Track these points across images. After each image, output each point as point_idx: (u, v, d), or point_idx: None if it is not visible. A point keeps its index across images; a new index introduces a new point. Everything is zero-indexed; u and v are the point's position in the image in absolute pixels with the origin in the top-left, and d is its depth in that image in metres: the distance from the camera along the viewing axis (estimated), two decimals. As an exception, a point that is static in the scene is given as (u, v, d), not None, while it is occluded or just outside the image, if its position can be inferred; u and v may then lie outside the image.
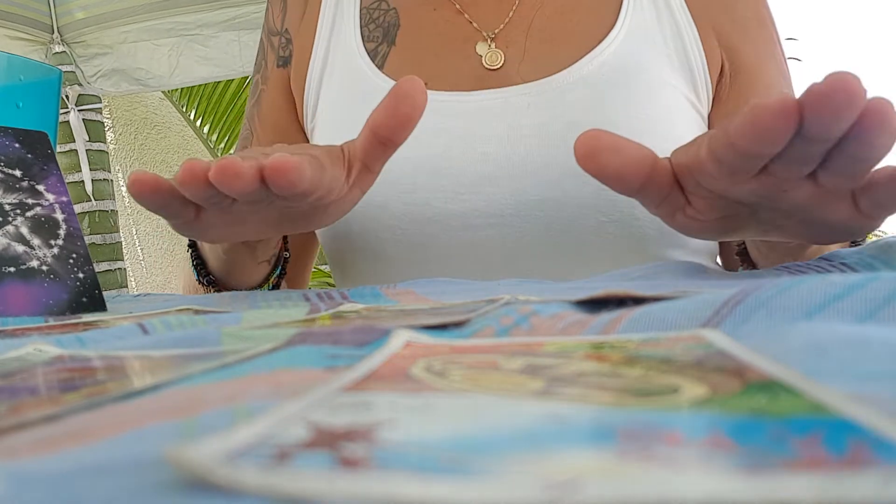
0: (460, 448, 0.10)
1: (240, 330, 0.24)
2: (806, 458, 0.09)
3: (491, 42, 0.60)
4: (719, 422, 0.11)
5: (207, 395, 0.15)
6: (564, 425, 0.11)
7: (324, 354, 0.19)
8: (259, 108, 0.68)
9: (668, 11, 0.59)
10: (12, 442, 0.12)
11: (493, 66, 0.58)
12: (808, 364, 0.15)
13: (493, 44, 0.60)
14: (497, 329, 0.23)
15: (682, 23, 0.58)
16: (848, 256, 0.33)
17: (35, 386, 0.17)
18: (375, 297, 0.38)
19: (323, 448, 0.10)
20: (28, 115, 0.50)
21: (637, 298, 0.25)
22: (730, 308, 0.21)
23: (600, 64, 0.56)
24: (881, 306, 0.19)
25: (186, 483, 0.09)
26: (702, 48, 0.58)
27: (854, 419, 0.11)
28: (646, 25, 0.59)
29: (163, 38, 1.83)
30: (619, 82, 0.55)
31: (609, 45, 0.57)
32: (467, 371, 0.15)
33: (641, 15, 0.59)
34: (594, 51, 0.57)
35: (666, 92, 0.56)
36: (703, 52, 0.58)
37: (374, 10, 0.63)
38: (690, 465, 0.09)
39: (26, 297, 0.38)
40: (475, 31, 0.60)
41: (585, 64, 0.56)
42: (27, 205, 0.40)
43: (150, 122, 2.70)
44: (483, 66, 0.59)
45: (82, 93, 1.91)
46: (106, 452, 0.11)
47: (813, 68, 4.31)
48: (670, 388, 0.13)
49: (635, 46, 0.57)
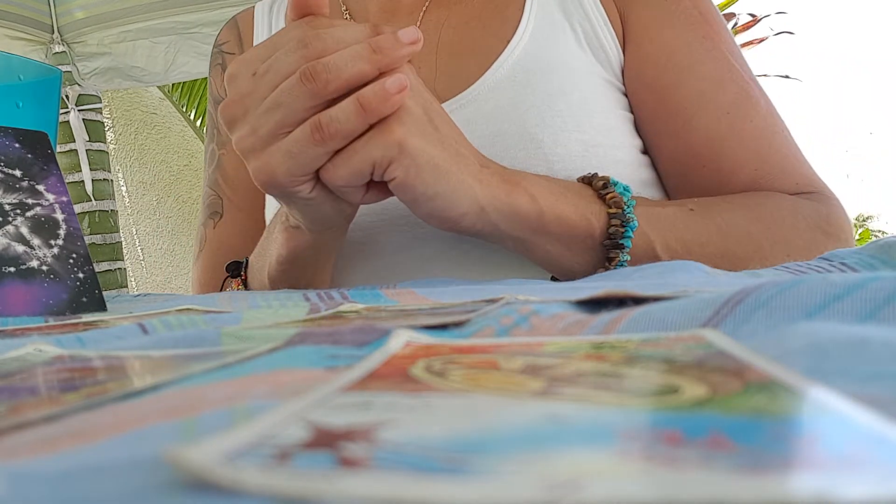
0: (460, 448, 0.10)
1: (240, 330, 0.24)
2: (805, 459, 0.09)
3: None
4: (719, 422, 0.11)
5: (207, 396, 0.15)
6: (564, 425, 0.11)
7: (324, 354, 0.19)
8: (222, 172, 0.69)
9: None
10: (12, 442, 0.12)
11: None
12: (808, 364, 0.15)
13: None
14: (497, 329, 0.23)
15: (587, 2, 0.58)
16: (848, 256, 0.33)
17: (35, 386, 0.17)
18: (375, 297, 0.38)
19: (323, 448, 0.10)
20: (28, 114, 0.50)
21: (637, 298, 0.25)
22: (730, 308, 0.21)
23: (511, 67, 0.56)
24: (881, 306, 0.19)
25: (186, 483, 0.09)
26: (609, 23, 0.58)
27: (854, 419, 0.11)
28: (551, 17, 0.58)
29: (161, 36, 1.84)
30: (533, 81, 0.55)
31: (516, 47, 0.57)
32: (467, 371, 0.15)
33: (545, 7, 0.59)
34: (502, 55, 0.57)
35: (582, 80, 0.56)
36: (611, 29, 0.58)
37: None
38: (690, 465, 0.09)
39: (26, 296, 0.38)
40: None
41: (496, 70, 0.56)
42: (27, 205, 0.40)
43: (151, 121, 2.70)
44: None
45: (81, 92, 1.91)
46: (106, 452, 0.11)
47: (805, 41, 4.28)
48: (670, 388, 0.13)
49: (543, 41, 0.57)
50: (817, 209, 0.52)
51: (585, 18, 0.58)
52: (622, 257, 0.46)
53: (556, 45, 0.57)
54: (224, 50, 0.73)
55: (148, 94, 2.65)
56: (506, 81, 0.56)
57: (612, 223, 0.45)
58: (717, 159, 0.55)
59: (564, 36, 0.58)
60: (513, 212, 0.43)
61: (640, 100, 0.58)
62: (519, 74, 0.56)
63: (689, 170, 0.55)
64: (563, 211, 0.44)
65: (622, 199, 0.46)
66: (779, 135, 0.56)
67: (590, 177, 0.48)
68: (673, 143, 0.56)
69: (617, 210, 0.45)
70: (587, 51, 0.57)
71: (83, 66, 1.89)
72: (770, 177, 0.54)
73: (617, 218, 0.45)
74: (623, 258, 0.46)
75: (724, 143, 0.55)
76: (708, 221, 0.49)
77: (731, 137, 0.55)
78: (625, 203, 0.46)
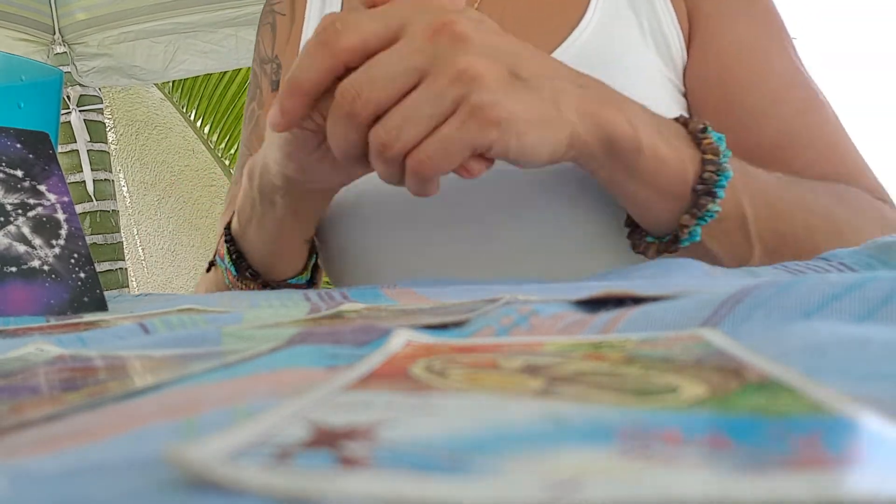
0: (460, 447, 0.10)
1: (240, 330, 0.24)
2: (805, 458, 0.09)
3: None
4: (718, 421, 0.11)
5: (208, 395, 0.15)
6: (564, 425, 0.11)
7: (324, 354, 0.19)
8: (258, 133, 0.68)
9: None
10: (14, 441, 0.12)
11: None
12: (806, 364, 0.15)
13: None
14: (497, 329, 0.23)
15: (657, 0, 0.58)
16: (847, 256, 0.33)
17: (36, 385, 0.17)
18: (376, 296, 0.38)
19: (323, 447, 0.10)
20: (29, 115, 0.50)
21: (636, 298, 0.25)
22: (729, 308, 0.21)
23: (575, 54, 0.55)
24: (880, 306, 0.19)
25: (187, 482, 0.09)
26: (676, 20, 0.57)
27: (853, 419, 0.11)
28: (619, 10, 0.58)
29: (161, 36, 1.84)
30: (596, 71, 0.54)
31: (582, 33, 0.56)
32: (467, 370, 0.15)
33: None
34: (567, 40, 0.56)
35: (643, 76, 0.55)
36: (677, 24, 0.57)
37: None
38: (690, 464, 0.09)
39: (28, 296, 0.38)
40: None
41: (561, 54, 0.55)
42: (29, 205, 0.41)
43: (151, 122, 2.70)
44: None
45: (82, 92, 1.92)
46: (107, 452, 0.11)
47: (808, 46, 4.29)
48: (669, 387, 0.13)
49: (609, 30, 0.56)
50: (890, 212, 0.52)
51: (653, 14, 0.57)
52: (712, 207, 0.43)
53: (622, 38, 0.56)
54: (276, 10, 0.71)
55: (149, 95, 2.65)
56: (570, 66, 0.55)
57: (708, 169, 0.43)
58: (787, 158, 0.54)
59: (630, 30, 0.57)
60: (612, 141, 0.41)
61: (703, 97, 0.56)
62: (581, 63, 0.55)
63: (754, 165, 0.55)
64: (659, 147, 0.42)
65: (719, 146, 0.44)
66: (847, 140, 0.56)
67: (686, 118, 0.46)
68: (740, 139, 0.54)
69: (713, 157, 0.43)
70: (651, 46, 0.57)
71: (82, 64, 1.90)
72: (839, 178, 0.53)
73: (712, 165, 0.43)
74: (712, 209, 0.44)
75: (796, 142, 0.54)
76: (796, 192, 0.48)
77: (803, 137, 0.54)
78: (721, 152, 0.44)
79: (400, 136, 0.36)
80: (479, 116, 0.35)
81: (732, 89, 0.55)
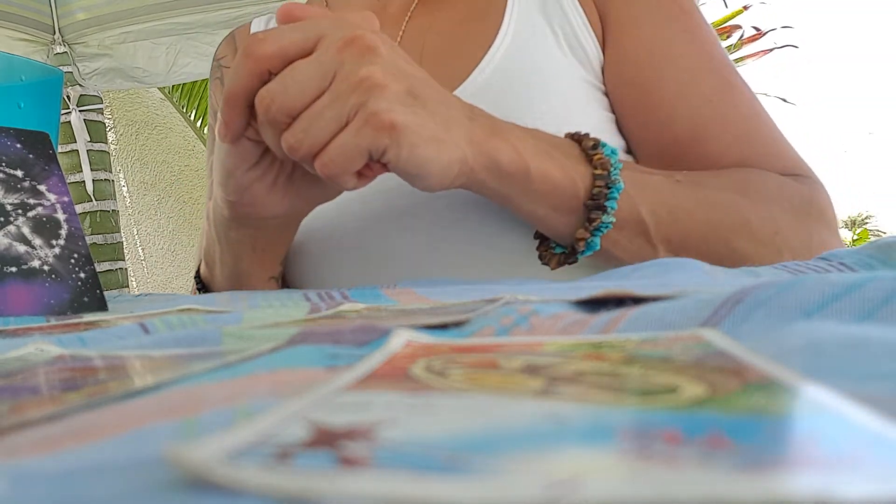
0: (460, 447, 0.10)
1: (240, 329, 0.24)
2: (805, 458, 0.09)
3: None
4: (718, 421, 0.11)
5: (208, 395, 0.15)
6: (564, 425, 0.11)
7: (324, 354, 0.19)
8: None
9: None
10: (14, 441, 0.12)
11: None
12: (806, 364, 0.15)
13: None
14: (497, 329, 0.23)
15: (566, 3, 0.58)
16: (846, 256, 0.33)
17: (36, 385, 0.17)
18: (376, 296, 0.38)
19: (323, 447, 0.10)
20: (29, 115, 0.50)
21: (636, 298, 0.25)
22: (729, 308, 0.21)
23: (492, 72, 0.56)
24: (880, 306, 0.19)
25: (187, 482, 0.09)
26: (588, 24, 0.58)
27: (852, 419, 0.11)
28: (532, 20, 0.58)
29: (162, 37, 1.84)
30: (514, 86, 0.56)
31: (498, 51, 0.57)
32: (467, 370, 0.15)
33: (526, 10, 0.59)
34: (484, 59, 0.57)
35: (563, 83, 0.56)
36: (591, 30, 0.58)
37: None
38: (690, 464, 0.09)
39: (28, 296, 0.38)
40: None
41: (479, 74, 0.57)
42: (28, 205, 0.41)
43: (151, 122, 2.70)
44: None
45: (82, 92, 1.91)
46: (107, 452, 0.11)
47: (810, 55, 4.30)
48: (669, 387, 0.13)
49: (524, 45, 0.57)
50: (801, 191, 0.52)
51: (565, 20, 0.58)
52: (606, 219, 0.45)
53: (537, 49, 0.57)
54: (223, 64, 0.74)
55: (149, 95, 2.65)
56: (487, 86, 0.56)
57: (597, 184, 0.45)
58: (702, 145, 0.55)
59: (545, 39, 0.58)
60: (500, 169, 0.43)
61: (621, 97, 0.58)
62: (500, 79, 0.56)
63: (674, 160, 0.55)
64: (548, 169, 0.44)
65: (609, 160, 0.46)
66: (763, 119, 0.56)
67: (580, 136, 0.48)
68: (657, 135, 0.56)
69: (603, 172, 0.45)
70: (567, 53, 0.58)
71: (84, 66, 1.90)
72: (756, 159, 0.54)
73: (602, 179, 0.45)
74: (606, 220, 0.45)
75: (709, 129, 0.55)
76: (695, 190, 0.49)
77: (715, 123, 0.55)
78: (611, 165, 0.46)
79: (305, 140, 0.38)
80: (373, 122, 0.37)
81: (644, 87, 0.57)
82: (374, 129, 0.37)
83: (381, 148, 0.38)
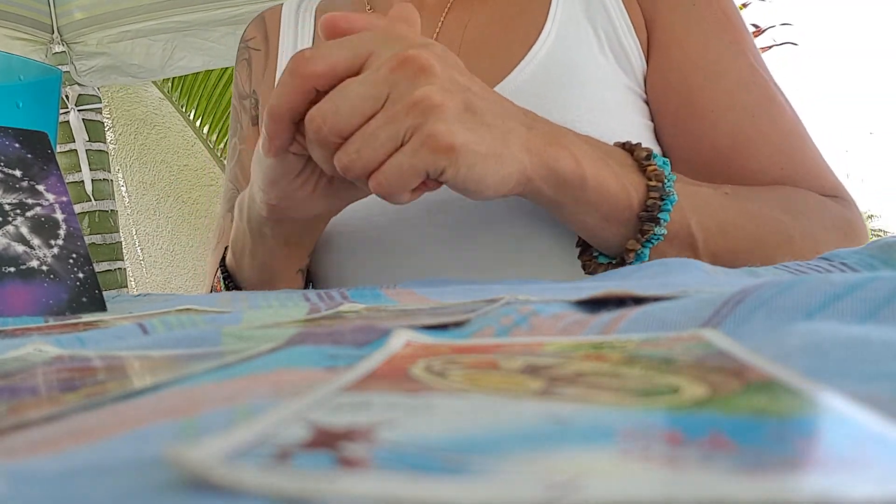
0: (460, 448, 0.10)
1: (240, 330, 0.24)
2: (805, 458, 0.09)
3: None
4: (719, 422, 0.11)
5: (207, 395, 0.15)
6: (564, 425, 0.11)
7: (324, 354, 0.19)
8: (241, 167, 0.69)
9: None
10: (12, 442, 0.12)
11: None
12: (808, 364, 0.15)
13: None
14: (497, 329, 0.23)
15: (612, 7, 0.58)
16: (848, 256, 0.33)
17: (35, 386, 0.17)
18: (375, 297, 0.38)
19: (323, 448, 0.10)
20: (28, 114, 0.50)
21: (637, 298, 0.25)
22: (730, 308, 0.21)
23: (533, 71, 0.56)
24: (881, 306, 0.19)
25: (186, 483, 0.09)
26: (633, 30, 0.58)
27: (854, 419, 0.11)
28: (576, 19, 0.58)
29: (160, 35, 1.84)
30: (555, 86, 0.55)
31: (540, 50, 0.57)
32: (467, 371, 0.15)
33: (570, 10, 0.59)
34: (526, 58, 0.57)
35: (603, 87, 0.56)
36: (634, 35, 0.58)
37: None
38: (690, 465, 0.09)
39: (26, 296, 0.38)
40: None
41: (519, 73, 0.56)
42: (27, 205, 0.40)
43: (150, 121, 2.70)
44: None
45: (80, 92, 1.91)
46: (106, 452, 0.11)
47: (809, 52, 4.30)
48: (670, 387, 0.13)
49: (566, 46, 0.57)
50: (841, 212, 0.53)
51: (609, 24, 0.58)
52: (657, 231, 0.45)
53: (579, 51, 0.57)
54: (250, 46, 0.73)
55: (148, 94, 2.65)
56: (527, 85, 0.56)
57: (651, 196, 0.45)
58: (743, 160, 0.55)
59: (588, 41, 0.58)
60: (558, 178, 0.43)
61: (663, 105, 0.57)
62: (541, 79, 0.56)
63: (714, 172, 0.55)
64: (604, 178, 0.44)
65: (663, 172, 0.45)
66: (804, 138, 0.56)
67: (631, 145, 0.48)
68: (698, 145, 0.56)
69: (657, 183, 0.45)
70: (609, 57, 0.57)
71: (81, 64, 1.90)
72: (796, 177, 0.54)
73: (656, 191, 0.45)
74: (658, 232, 0.45)
75: (751, 144, 0.55)
76: (742, 206, 0.49)
77: (757, 139, 0.55)
78: (665, 177, 0.45)
79: (358, 161, 0.38)
80: (431, 144, 0.37)
81: (689, 96, 0.56)
82: (432, 150, 0.37)
83: (440, 169, 0.38)
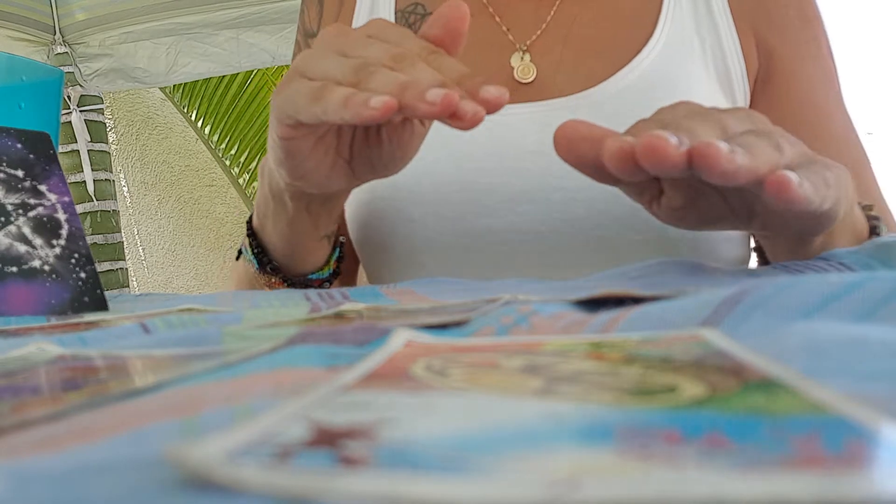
0: (460, 447, 0.10)
1: (241, 329, 0.24)
2: (804, 458, 0.09)
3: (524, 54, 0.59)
4: (718, 421, 0.11)
5: (209, 395, 0.15)
6: (564, 424, 0.11)
7: (324, 354, 0.19)
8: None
9: (707, 14, 0.58)
10: (15, 441, 0.12)
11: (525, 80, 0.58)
12: (806, 363, 0.15)
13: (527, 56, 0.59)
14: (497, 328, 0.23)
15: (722, 25, 0.58)
16: (846, 256, 0.33)
17: (37, 385, 0.17)
18: (376, 296, 0.38)
19: (324, 447, 0.10)
20: (30, 115, 0.50)
21: (636, 298, 0.25)
22: (728, 307, 0.21)
23: (637, 77, 0.56)
24: (879, 306, 0.19)
25: (188, 482, 0.09)
26: (741, 52, 0.57)
27: (852, 418, 0.11)
28: (684, 33, 0.58)
29: (163, 37, 1.84)
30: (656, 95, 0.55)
31: (647, 57, 0.57)
32: (467, 370, 0.15)
33: (680, 22, 0.58)
34: (632, 63, 0.57)
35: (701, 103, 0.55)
36: (741, 57, 0.57)
37: (409, 13, 0.62)
38: (689, 463, 0.09)
39: (28, 296, 0.38)
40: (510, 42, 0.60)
41: (623, 77, 0.56)
42: (29, 205, 0.41)
43: (152, 122, 2.70)
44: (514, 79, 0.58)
45: (82, 93, 1.92)
46: (107, 451, 0.11)
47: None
48: (669, 387, 0.13)
49: (672, 57, 0.57)
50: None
51: (717, 43, 0.58)
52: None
53: (683, 64, 0.57)
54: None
55: (149, 95, 2.65)
56: (629, 90, 0.55)
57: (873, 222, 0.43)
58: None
59: (693, 56, 0.57)
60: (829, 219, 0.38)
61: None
62: (643, 86, 0.56)
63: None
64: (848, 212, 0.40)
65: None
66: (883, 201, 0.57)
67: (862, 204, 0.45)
68: None
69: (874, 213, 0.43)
70: (713, 75, 0.57)
71: (85, 67, 1.90)
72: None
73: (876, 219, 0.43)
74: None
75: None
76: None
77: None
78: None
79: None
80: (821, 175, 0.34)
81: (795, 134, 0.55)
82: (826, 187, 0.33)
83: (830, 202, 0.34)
